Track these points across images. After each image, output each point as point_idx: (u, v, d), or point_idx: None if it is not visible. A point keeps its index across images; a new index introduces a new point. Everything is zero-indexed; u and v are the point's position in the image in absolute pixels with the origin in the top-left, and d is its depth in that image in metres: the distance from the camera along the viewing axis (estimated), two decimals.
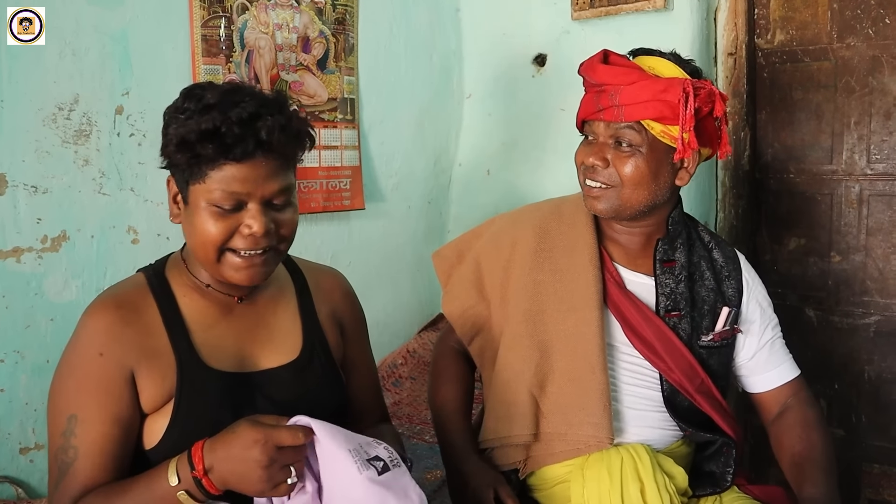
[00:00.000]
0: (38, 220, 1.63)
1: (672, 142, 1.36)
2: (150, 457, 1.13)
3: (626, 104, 1.35)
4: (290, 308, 1.29)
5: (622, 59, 1.43)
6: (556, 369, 1.42)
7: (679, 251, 1.48)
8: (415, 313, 2.67)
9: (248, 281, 1.14)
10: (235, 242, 1.10)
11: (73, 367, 1.11)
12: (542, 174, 2.51)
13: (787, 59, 2.16)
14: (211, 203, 1.08)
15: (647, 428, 1.43)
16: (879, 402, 2.12)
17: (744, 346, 1.51)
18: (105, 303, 1.14)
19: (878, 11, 2.00)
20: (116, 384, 1.09)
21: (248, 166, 1.07)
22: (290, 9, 2.11)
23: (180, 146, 1.06)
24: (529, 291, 1.46)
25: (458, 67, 2.70)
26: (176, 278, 1.20)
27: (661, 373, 1.42)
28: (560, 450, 1.40)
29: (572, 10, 2.34)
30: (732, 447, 1.45)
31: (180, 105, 1.10)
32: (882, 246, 2.08)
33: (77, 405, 1.09)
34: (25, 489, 1.61)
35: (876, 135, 2.05)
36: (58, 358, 1.63)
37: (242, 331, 1.22)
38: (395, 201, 2.53)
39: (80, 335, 1.12)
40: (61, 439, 1.08)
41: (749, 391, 1.55)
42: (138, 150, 1.79)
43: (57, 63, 1.64)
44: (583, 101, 1.45)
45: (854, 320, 2.12)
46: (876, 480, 2.13)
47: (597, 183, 1.41)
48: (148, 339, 1.13)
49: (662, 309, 1.44)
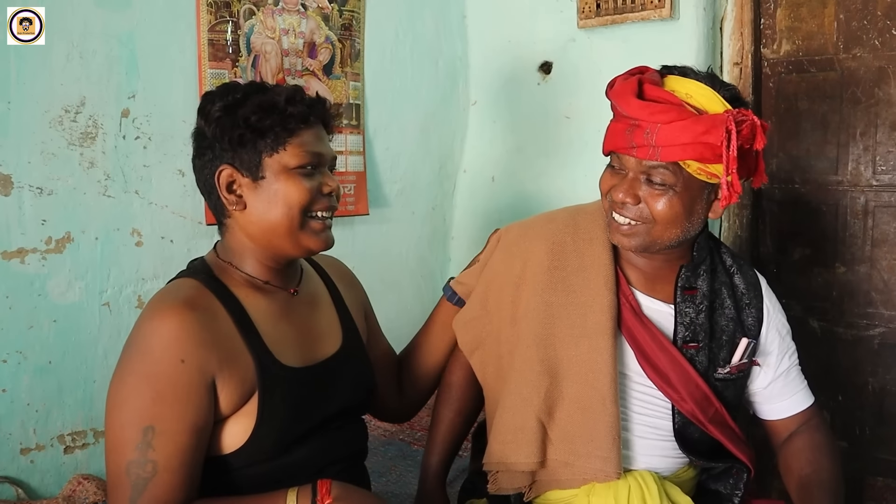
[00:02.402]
0: (42, 222, 1.63)
1: (709, 178, 1.27)
2: (232, 461, 1.12)
3: (664, 145, 1.23)
4: (327, 300, 1.37)
5: (658, 90, 1.28)
6: (566, 396, 1.36)
7: (702, 278, 1.40)
8: (418, 319, 2.63)
9: (326, 244, 1.23)
10: (316, 205, 1.19)
11: (147, 375, 1.06)
12: (546, 181, 2.50)
13: (793, 69, 2.16)
14: (297, 166, 1.17)
15: (655, 456, 1.40)
16: (883, 414, 2.10)
17: (759, 375, 1.47)
18: (176, 306, 1.09)
19: (885, 23, 2.00)
20: (197, 391, 1.07)
21: (315, 132, 1.21)
22: (296, 14, 2.12)
23: (268, 112, 1.15)
24: (541, 314, 1.39)
25: (464, 74, 2.70)
26: (229, 279, 1.21)
27: (672, 403, 1.38)
28: (565, 478, 1.37)
29: (578, 18, 2.34)
30: (744, 472, 1.42)
31: (225, 95, 1.18)
32: (887, 257, 2.07)
33: (154, 416, 1.04)
34: (25, 490, 1.62)
35: (882, 146, 2.05)
36: (59, 359, 1.66)
37: (300, 325, 1.25)
38: (400, 207, 2.53)
39: (153, 341, 1.07)
40: (135, 453, 1.04)
41: (760, 417, 1.52)
42: (143, 153, 1.80)
43: (64, 65, 1.65)
44: (611, 131, 1.34)
45: (858, 332, 2.11)
46: (879, 494, 2.11)
47: (626, 219, 1.31)
48: (225, 342, 1.12)
49: (680, 339, 1.38)
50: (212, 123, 1.17)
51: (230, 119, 1.16)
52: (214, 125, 1.17)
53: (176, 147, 1.86)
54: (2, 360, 1.59)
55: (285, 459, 1.16)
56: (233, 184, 1.17)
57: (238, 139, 1.15)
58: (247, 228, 1.20)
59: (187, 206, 1.89)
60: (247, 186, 1.17)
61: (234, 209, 1.18)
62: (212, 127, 1.17)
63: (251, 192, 1.17)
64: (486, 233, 2.62)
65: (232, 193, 1.18)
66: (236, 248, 1.22)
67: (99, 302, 1.73)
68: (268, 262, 1.23)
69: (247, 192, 1.17)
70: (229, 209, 1.19)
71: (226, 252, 1.24)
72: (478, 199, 2.71)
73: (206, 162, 1.20)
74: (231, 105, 1.17)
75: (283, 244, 1.19)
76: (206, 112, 1.18)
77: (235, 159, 1.17)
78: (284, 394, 1.15)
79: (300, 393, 1.18)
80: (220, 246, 1.27)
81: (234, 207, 1.18)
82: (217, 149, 1.18)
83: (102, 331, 1.74)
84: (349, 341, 1.33)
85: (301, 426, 1.17)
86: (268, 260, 1.23)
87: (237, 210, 1.18)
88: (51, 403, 1.67)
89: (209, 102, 1.19)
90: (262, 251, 1.21)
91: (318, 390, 1.21)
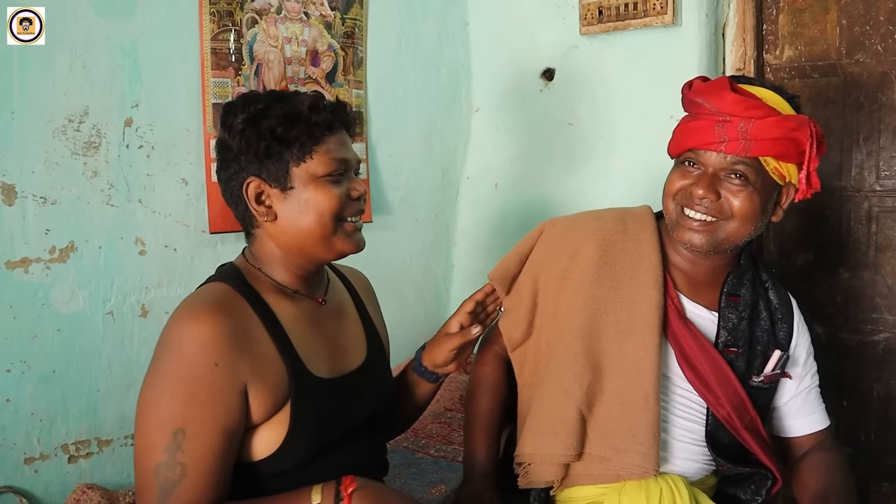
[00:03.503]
0: (46, 231, 1.63)
1: (779, 178, 1.34)
2: (262, 468, 1.12)
3: (756, 139, 1.29)
4: (352, 311, 1.37)
5: (747, 89, 1.33)
6: (607, 391, 1.37)
7: (745, 287, 1.44)
8: (421, 326, 2.66)
9: (358, 246, 1.24)
10: (346, 210, 1.20)
11: (180, 377, 1.05)
12: (550, 188, 2.51)
13: (795, 74, 2.16)
14: (326, 173, 1.17)
15: (688, 460, 1.41)
16: (888, 419, 2.10)
17: (784, 390, 1.49)
18: (211, 309, 1.09)
19: (888, 28, 2.00)
20: (230, 396, 1.06)
21: (339, 138, 1.21)
22: (299, 22, 2.13)
23: (292, 121, 1.15)
24: (588, 306, 1.40)
25: (467, 81, 2.70)
26: (260, 285, 1.20)
27: (709, 407, 1.39)
28: (599, 472, 1.37)
29: (581, 25, 2.35)
30: (769, 479, 1.43)
31: (246, 106, 1.17)
32: (891, 262, 2.06)
33: (185, 419, 1.04)
34: (30, 499, 1.61)
35: (885, 151, 2.04)
36: (63, 368, 1.66)
37: (328, 335, 1.25)
38: (403, 214, 2.53)
39: (187, 343, 1.07)
40: (164, 455, 1.03)
41: (776, 434, 1.53)
42: (147, 162, 1.80)
43: (67, 75, 1.65)
44: (693, 129, 1.36)
45: (863, 337, 2.11)
46: (885, 499, 2.10)
47: (701, 215, 1.35)
48: (259, 349, 1.12)
49: (721, 343, 1.40)
50: (236, 136, 1.16)
51: (254, 131, 1.15)
52: (239, 138, 1.16)
53: (179, 156, 1.86)
54: (6, 370, 1.59)
55: (312, 469, 1.16)
56: (261, 195, 1.17)
57: (264, 151, 1.15)
58: (277, 238, 1.20)
59: (191, 215, 1.89)
60: (276, 197, 1.17)
61: (266, 220, 1.18)
62: (236, 140, 1.16)
63: (281, 202, 1.17)
64: (490, 239, 2.65)
65: (261, 205, 1.18)
66: (265, 256, 1.22)
67: (103, 311, 1.73)
68: (296, 270, 1.23)
69: (276, 203, 1.17)
70: (259, 220, 1.19)
71: (255, 259, 1.24)
72: (481, 205, 2.71)
73: (231, 174, 1.19)
74: (254, 116, 1.16)
75: (317, 250, 1.20)
76: (229, 125, 1.17)
77: (262, 170, 1.16)
78: (315, 404, 1.15)
79: (330, 404, 1.18)
80: (248, 252, 1.27)
81: (265, 219, 1.18)
82: (243, 161, 1.17)
83: (106, 340, 1.74)
84: (373, 353, 1.34)
85: (329, 436, 1.17)
86: (296, 268, 1.23)
87: (268, 221, 1.18)
88: (55, 413, 1.67)
89: (231, 115, 1.18)
90: (292, 258, 1.22)
91: (347, 401, 1.21)
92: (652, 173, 2.22)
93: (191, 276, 1.89)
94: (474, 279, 2.70)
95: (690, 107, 1.39)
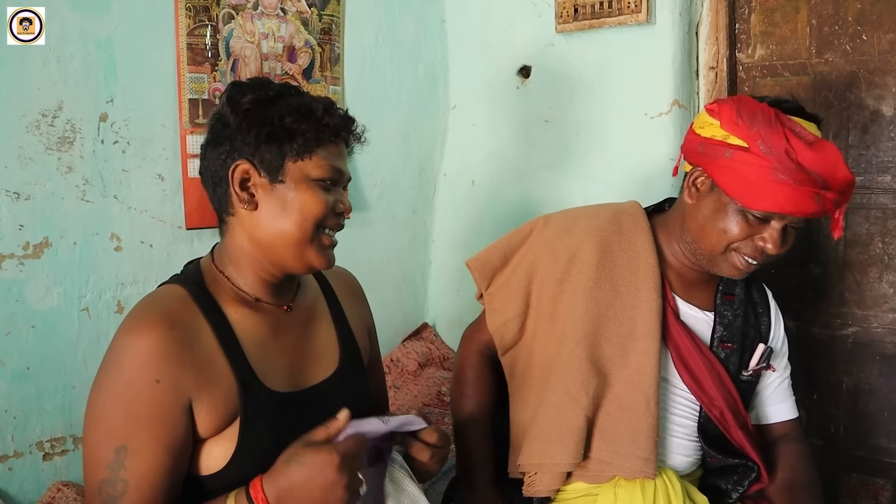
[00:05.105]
0: (20, 227, 1.62)
1: None
2: (208, 483, 1.08)
3: (842, 202, 1.32)
4: (325, 316, 1.29)
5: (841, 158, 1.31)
6: (607, 395, 1.38)
7: (739, 286, 1.49)
8: (399, 323, 2.67)
9: (327, 262, 1.17)
10: (328, 221, 1.15)
11: (120, 394, 1.01)
12: (526, 184, 2.52)
13: (767, 73, 2.20)
14: (320, 178, 1.13)
15: (681, 455, 1.44)
16: (857, 412, 2.14)
17: (763, 381, 1.53)
18: (154, 322, 1.04)
19: (856, 28, 2.04)
20: (172, 413, 1.02)
21: (340, 149, 1.18)
22: (276, 18, 2.12)
23: (304, 116, 1.11)
24: (590, 310, 1.39)
25: (444, 78, 2.71)
26: (220, 291, 1.15)
27: (701, 405, 1.42)
28: (594, 473, 1.37)
29: (556, 23, 2.36)
30: (754, 472, 1.45)
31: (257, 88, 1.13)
32: (860, 258, 2.10)
33: (127, 435, 1.01)
34: (4, 497, 1.60)
35: (854, 148, 2.08)
36: (38, 364, 1.65)
37: (291, 347, 1.19)
38: (380, 211, 2.54)
39: (128, 358, 1.02)
40: (107, 472, 1.00)
41: None
42: (122, 158, 1.79)
43: (41, 69, 1.64)
44: (791, 195, 1.28)
45: (833, 331, 2.15)
46: (854, 490, 2.15)
47: (757, 262, 1.37)
48: (206, 362, 1.06)
49: (717, 340, 1.43)
50: (239, 114, 1.11)
51: (261, 114, 1.11)
52: (242, 117, 1.11)
53: (155, 151, 1.85)
54: None
55: None
56: (247, 181, 1.12)
57: (266, 136, 1.10)
58: (251, 232, 1.13)
59: (167, 211, 1.89)
60: (262, 186, 1.11)
61: (245, 207, 1.12)
62: (238, 118, 1.11)
63: (265, 193, 1.11)
64: (467, 236, 2.66)
65: (245, 191, 1.12)
66: (234, 253, 1.16)
67: (78, 307, 1.72)
68: (263, 274, 1.17)
69: (260, 193, 1.12)
70: (237, 206, 1.13)
71: (222, 258, 1.18)
72: (458, 202, 2.72)
73: (220, 152, 1.13)
74: (264, 100, 1.12)
75: (287, 255, 1.14)
76: (235, 102, 1.12)
77: (256, 156, 1.11)
78: (268, 420, 1.10)
79: (286, 419, 1.12)
80: (217, 250, 1.20)
81: (245, 206, 1.12)
82: (238, 141, 1.11)
83: (81, 336, 1.73)
84: (346, 363, 1.27)
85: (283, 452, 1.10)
86: (263, 271, 1.16)
87: (247, 209, 1.12)
88: (29, 410, 1.65)
89: (239, 93, 1.13)
90: (262, 259, 1.15)
91: (307, 417, 1.12)
92: (627, 169, 2.25)
93: (167, 271, 1.84)
94: (452, 275, 2.71)
95: (787, 165, 1.27)
